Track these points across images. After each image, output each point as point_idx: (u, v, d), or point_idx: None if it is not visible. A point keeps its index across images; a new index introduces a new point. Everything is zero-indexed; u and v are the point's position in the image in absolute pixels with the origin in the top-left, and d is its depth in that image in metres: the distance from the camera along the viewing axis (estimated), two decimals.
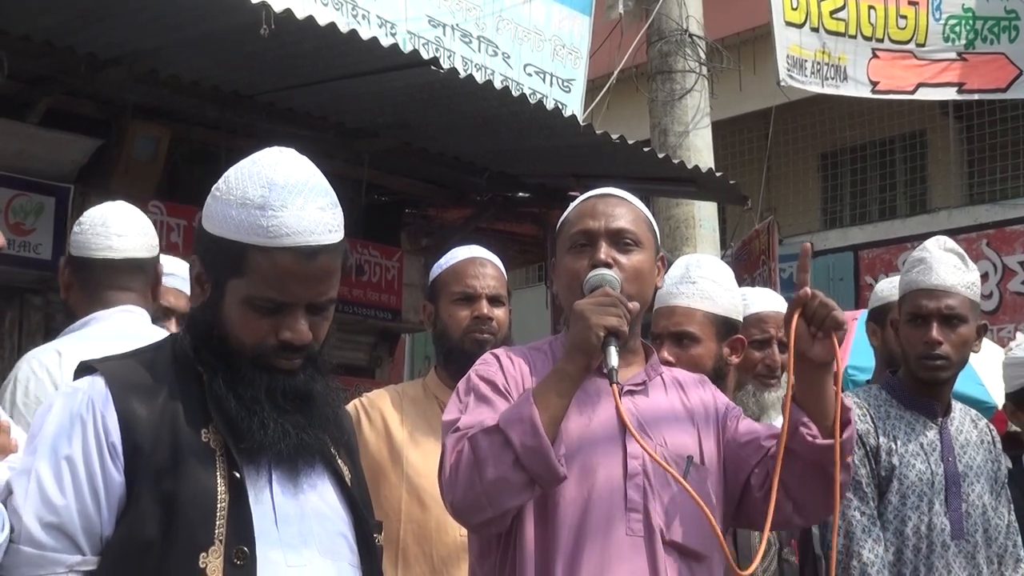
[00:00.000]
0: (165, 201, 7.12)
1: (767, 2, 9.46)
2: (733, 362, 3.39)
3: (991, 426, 3.62)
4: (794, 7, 9.60)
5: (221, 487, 2.00)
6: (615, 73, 9.22)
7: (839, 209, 14.59)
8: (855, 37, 10.01)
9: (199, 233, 2.12)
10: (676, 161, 7.69)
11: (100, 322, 3.09)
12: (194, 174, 7.03)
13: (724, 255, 9.60)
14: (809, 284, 2.39)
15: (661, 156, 7.51)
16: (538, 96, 7.80)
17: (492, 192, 8.58)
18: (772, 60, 9.53)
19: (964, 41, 10.30)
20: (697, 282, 3.34)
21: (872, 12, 10.09)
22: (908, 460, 3.37)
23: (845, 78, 9.98)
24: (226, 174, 2.09)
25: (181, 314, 3.49)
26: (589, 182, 6.47)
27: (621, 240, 2.57)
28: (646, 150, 7.27)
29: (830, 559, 3.27)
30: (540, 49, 8.63)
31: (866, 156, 14.35)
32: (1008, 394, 4.56)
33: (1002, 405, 5.01)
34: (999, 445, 3.59)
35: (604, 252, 2.54)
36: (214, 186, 2.09)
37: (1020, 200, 12.70)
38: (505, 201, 8.70)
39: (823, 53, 9.77)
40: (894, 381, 3.52)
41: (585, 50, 8.94)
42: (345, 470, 2.20)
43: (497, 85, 6.59)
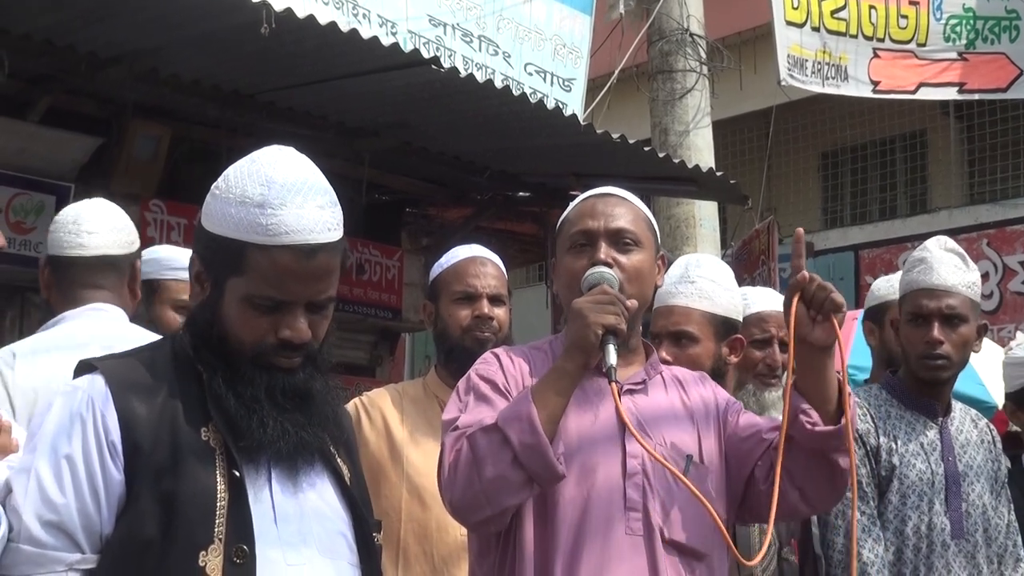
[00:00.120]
0: (166, 200, 7.13)
1: (768, 2, 9.44)
2: (732, 362, 3.38)
3: (991, 426, 3.62)
4: (795, 7, 9.59)
5: (221, 486, 2.00)
6: (616, 72, 9.22)
7: (839, 209, 14.58)
8: (856, 37, 10.00)
9: (198, 232, 2.12)
10: (677, 160, 7.69)
11: (68, 321, 3.07)
12: (194, 173, 7.02)
13: (724, 255, 9.60)
14: (805, 268, 2.38)
15: (662, 155, 7.50)
16: (539, 95, 7.80)
17: (492, 191, 8.58)
18: (773, 60, 9.52)
19: (965, 41, 10.30)
20: (696, 282, 3.33)
21: (873, 12, 10.09)
22: (908, 460, 3.37)
23: (846, 78, 9.98)
24: (225, 173, 2.09)
25: None
26: (590, 181, 6.47)
27: (621, 240, 2.56)
28: (647, 149, 7.26)
29: (832, 558, 3.31)
30: (541, 48, 8.63)
31: (867, 156, 14.34)
32: (1008, 394, 4.56)
33: (1002, 405, 5.00)
34: (999, 445, 3.59)
35: (604, 252, 2.54)
36: (213, 185, 2.09)
37: (1020, 200, 12.70)
38: (505, 200, 8.70)
39: (824, 53, 9.76)
40: (894, 381, 3.52)
41: (586, 49, 8.94)
42: (344, 469, 2.20)
43: (498, 84, 6.59)
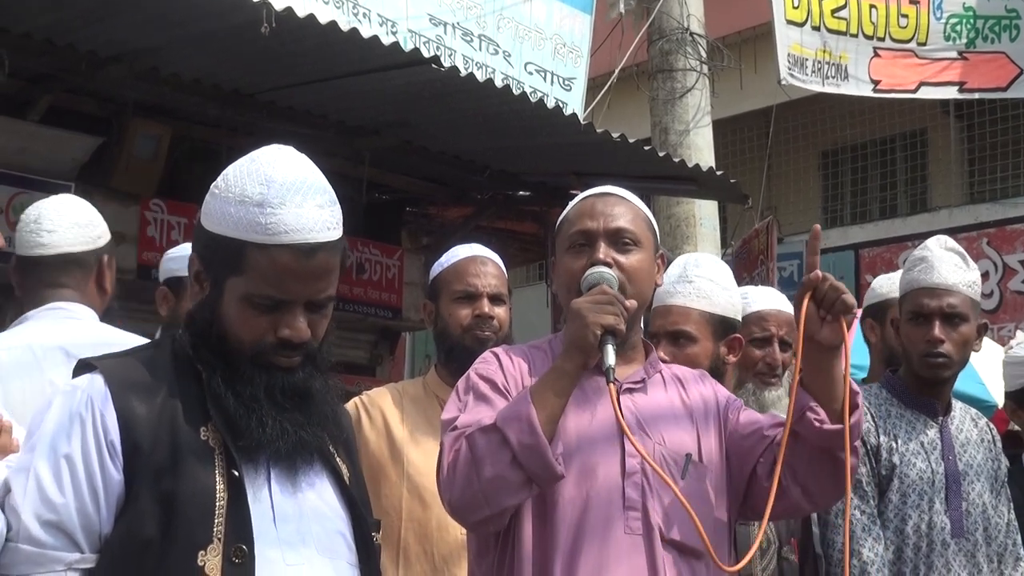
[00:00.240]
0: (166, 199, 7.14)
1: (768, 1, 9.44)
2: (730, 361, 3.37)
3: (991, 425, 3.62)
4: (795, 6, 9.59)
5: (220, 485, 2.00)
6: (616, 72, 9.22)
7: (840, 208, 14.58)
8: (856, 36, 10.00)
9: (198, 231, 2.12)
10: (677, 160, 7.69)
11: (29, 321, 3.05)
12: (195, 172, 7.03)
13: (725, 254, 9.60)
14: (819, 267, 2.38)
15: (662, 155, 7.51)
16: (539, 95, 7.79)
17: (493, 190, 8.58)
18: (773, 59, 9.52)
19: (965, 40, 10.29)
20: (694, 281, 3.32)
21: (873, 11, 10.08)
22: (908, 459, 3.37)
23: (846, 77, 9.97)
24: (225, 172, 2.09)
25: None
26: (590, 180, 6.46)
27: (620, 240, 2.56)
28: (647, 149, 7.26)
29: (832, 557, 3.31)
30: (541, 48, 8.63)
31: (867, 155, 14.34)
32: (1009, 393, 4.56)
33: (1002, 404, 5.00)
34: (999, 444, 3.59)
35: (603, 252, 2.53)
36: (213, 184, 2.09)
37: (1020, 199, 12.70)
38: (506, 199, 8.70)
39: (824, 52, 9.76)
40: (894, 380, 3.52)
41: (586, 49, 8.94)
42: (344, 468, 2.20)
43: (498, 83, 6.59)
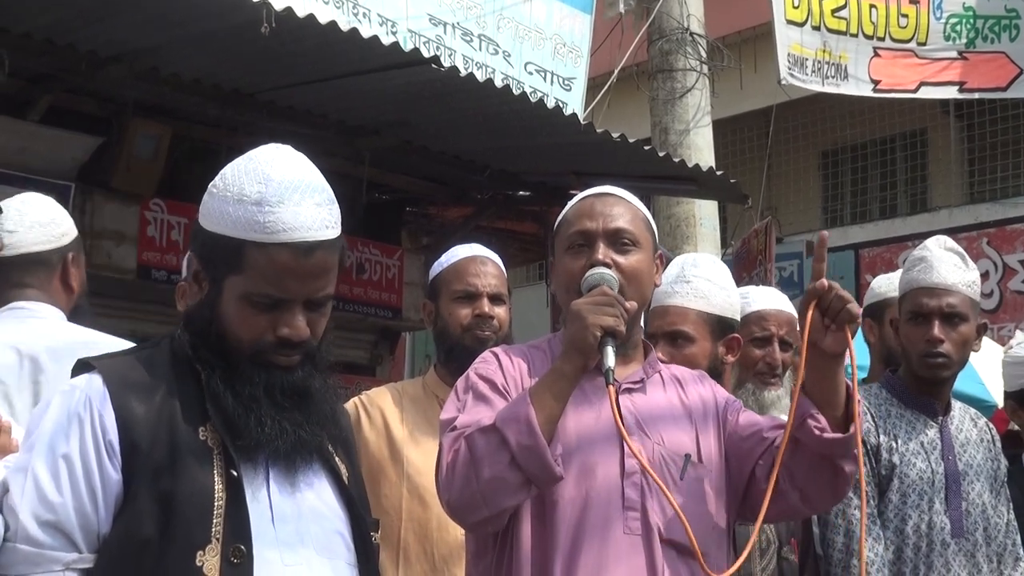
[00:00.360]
0: (166, 199, 7.14)
1: (768, 0, 9.44)
2: (729, 361, 3.36)
3: (990, 425, 3.62)
4: (795, 5, 9.59)
5: (218, 485, 2.00)
6: (616, 71, 9.22)
7: (840, 208, 14.58)
8: (856, 36, 10.00)
9: (196, 230, 2.12)
10: (677, 160, 7.69)
11: None
12: (195, 172, 7.02)
13: (725, 254, 9.60)
14: (825, 275, 2.38)
15: (662, 155, 7.50)
16: (539, 94, 7.79)
17: (493, 190, 8.58)
18: (773, 58, 9.52)
19: (965, 40, 10.29)
20: (692, 281, 3.31)
21: (873, 11, 10.09)
22: (908, 459, 3.37)
23: (846, 77, 9.97)
24: (223, 171, 2.10)
25: None
26: (590, 180, 6.46)
27: (619, 240, 2.55)
28: (647, 148, 7.26)
29: (832, 557, 3.31)
30: (541, 47, 8.62)
31: (867, 155, 14.34)
32: (1010, 392, 4.56)
33: (1002, 404, 5.00)
34: (998, 444, 3.59)
35: (602, 253, 2.53)
36: (211, 183, 2.10)
37: (1020, 199, 12.69)
38: (506, 199, 8.70)
39: (824, 52, 9.76)
40: (894, 380, 3.52)
41: (586, 48, 8.93)
42: (342, 468, 2.20)
43: (498, 83, 6.59)
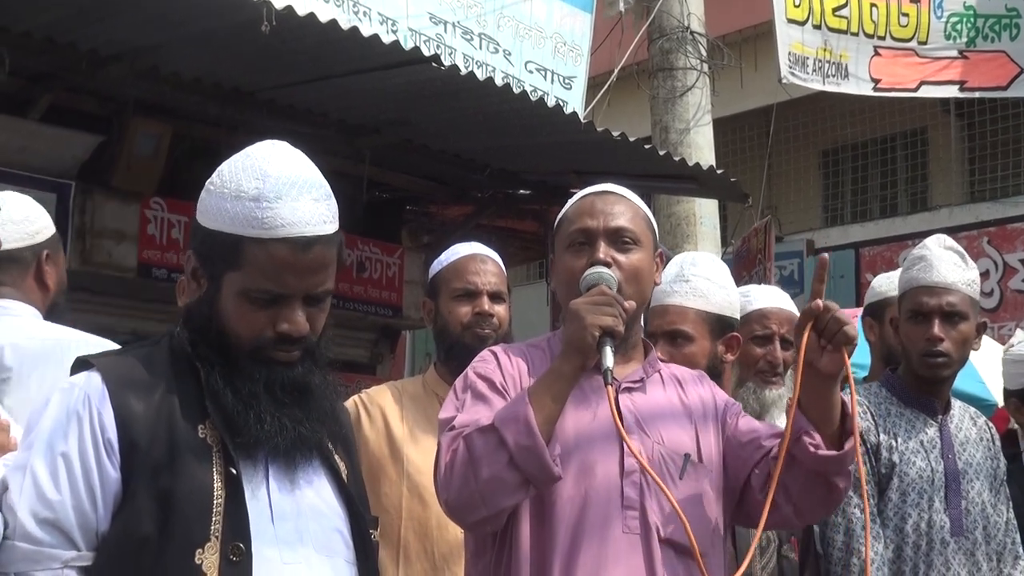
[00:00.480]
0: (166, 197, 7.14)
1: None
2: (728, 360, 3.36)
3: (990, 423, 3.62)
4: (796, 4, 9.59)
5: (217, 483, 2.00)
6: (616, 70, 9.22)
7: (840, 206, 14.58)
8: (857, 35, 10.00)
9: (194, 228, 2.12)
10: (677, 158, 7.69)
11: None
12: (195, 170, 6.97)
13: (725, 253, 9.60)
14: (823, 296, 2.37)
15: (662, 153, 7.50)
16: (539, 93, 7.78)
17: (493, 189, 8.58)
18: (773, 57, 9.52)
19: (965, 39, 10.29)
20: (691, 280, 3.31)
21: (874, 10, 10.09)
22: (908, 457, 3.37)
23: (847, 75, 9.97)
24: (219, 168, 2.10)
25: None
26: (590, 179, 6.43)
27: (620, 239, 2.55)
28: (647, 147, 7.26)
29: (832, 556, 3.31)
30: (541, 46, 8.62)
31: (867, 153, 14.33)
32: (1012, 391, 4.54)
33: (1003, 403, 5.00)
34: (998, 442, 3.59)
35: (603, 251, 2.52)
36: (208, 180, 2.10)
37: (1021, 198, 12.69)
38: (506, 198, 8.70)
39: (825, 50, 9.76)
40: (894, 378, 3.52)
41: (586, 47, 8.93)
42: (342, 466, 2.19)
43: (498, 82, 6.59)
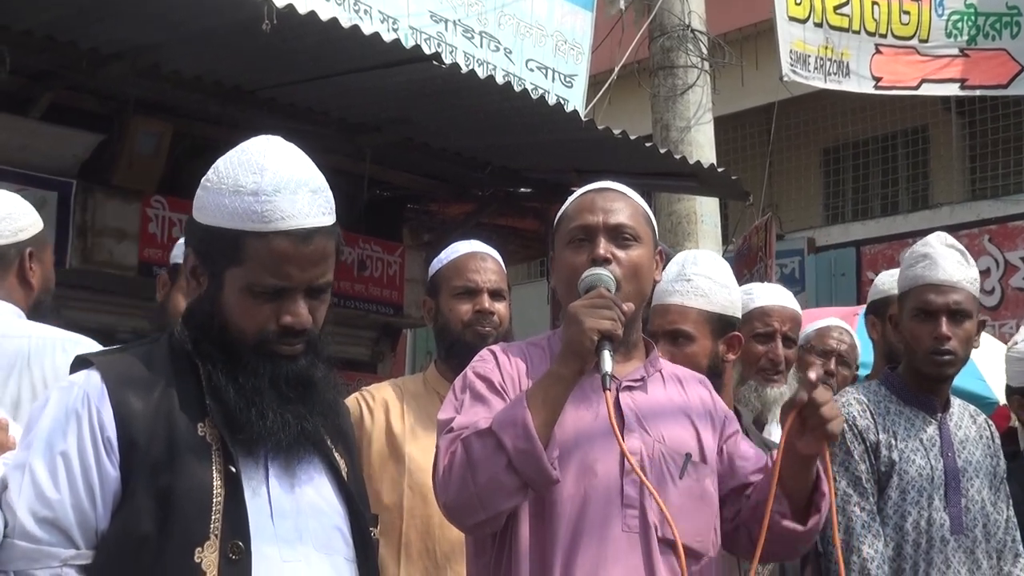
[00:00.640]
0: (167, 196, 7.13)
1: None
2: (729, 359, 3.34)
3: (989, 421, 3.62)
4: (797, 2, 9.59)
5: (217, 482, 2.00)
6: (617, 68, 9.22)
7: (841, 204, 14.57)
8: (858, 33, 10.00)
9: (191, 226, 2.14)
10: (678, 156, 7.69)
11: None
12: (196, 169, 6.93)
13: (726, 251, 9.60)
14: (810, 390, 2.36)
15: (663, 151, 7.50)
16: (540, 91, 7.78)
17: (494, 187, 8.57)
18: (774, 55, 9.52)
19: (966, 37, 10.29)
20: (692, 279, 3.29)
21: (875, 8, 10.09)
22: (908, 456, 3.37)
23: (848, 73, 9.97)
24: (215, 165, 2.12)
25: None
26: (591, 177, 6.42)
27: (620, 235, 2.55)
28: (648, 145, 7.26)
29: (831, 555, 3.31)
30: (542, 44, 8.62)
31: (868, 152, 14.33)
32: (1015, 388, 4.53)
33: (1004, 400, 4.99)
34: (997, 440, 3.58)
35: (603, 248, 2.52)
36: (204, 178, 2.11)
37: (1022, 196, 12.68)
38: (507, 196, 8.69)
39: (826, 48, 9.76)
40: (893, 377, 3.52)
41: (587, 45, 8.93)
42: (342, 463, 2.20)
43: (499, 80, 6.59)
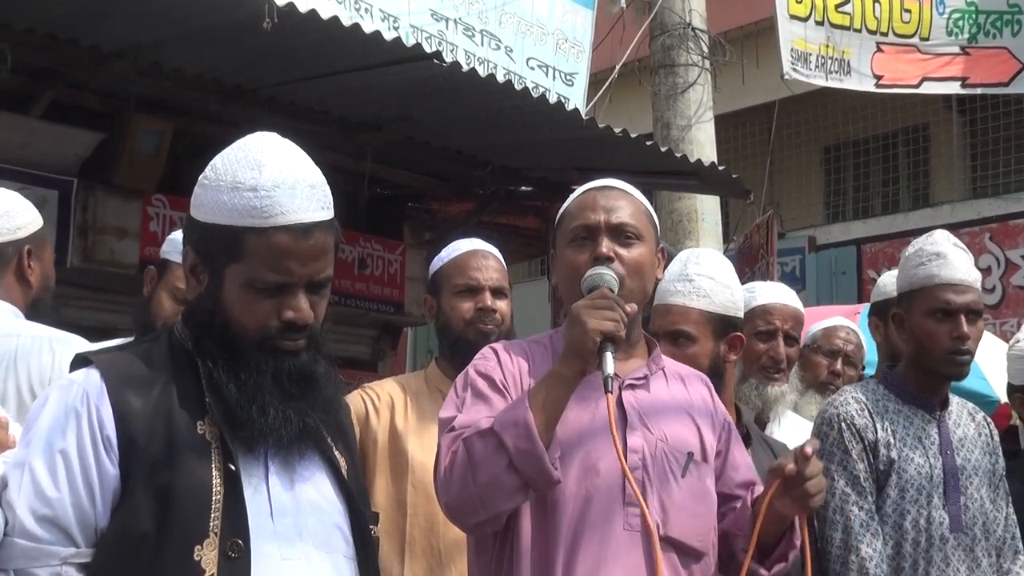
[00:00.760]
0: (168, 194, 7.13)
1: None
2: (731, 360, 3.33)
3: (988, 419, 3.61)
4: (798, 0, 9.59)
5: (216, 480, 2.00)
6: (618, 67, 9.22)
7: (842, 203, 14.57)
8: (860, 31, 9.99)
9: (190, 224, 2.13)
10: (679, 155, 7.69)
11: None
12: (197, 167, 6.93)
13: (727, 249, 9.59)
14: (794, 464, 2.39)
15: (664, 150, 7.50)
16: (541, 90, 7.78)
17: (495, 186, 8.57)
18: (775, 54, 9.52)
19: (967, 35, 10.29)
20: (694, 280, 3.28)
21: (877, 6, 10.08)
22: (907, 454, 3.37)
23: (849, 72, 9.97)
24: (212, 162, 2.12)
25: None
26: (592, 175, 6.42)
27: (622, 234, 2.55)
28: (649, 144, 7.26)
29: (830, 553, 3.31)
30: (543, 43, 8.62)
31: (869, 150, 14.32)
32: (1017, 386, 4.52)
33: (1005, 399, 4.98)
34: (996, 438, 3.58)
35: (606, 246, 2.52)
36: (201, 175, 2.11)
37: (1023, 194, 12.68)
38: (508, 195, 8.69)
39: (827, 47, 9.75)
40: (892, 376, 3.52)
41: (588, 44, 8.93)
42: (342, 461, 2.20)
43: (500, 79, 6.59)
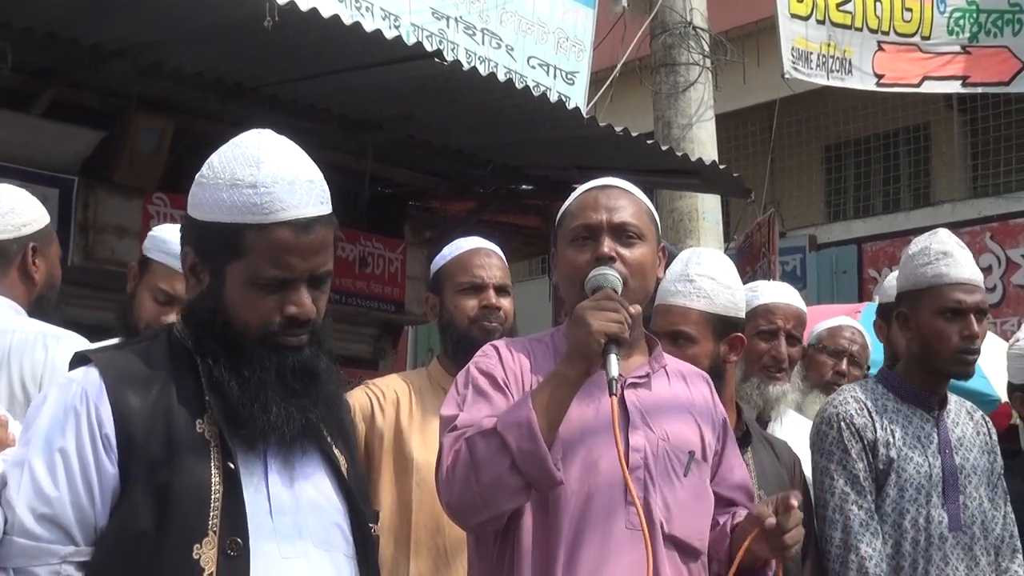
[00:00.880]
0: (168, 193, 7.13)
1: None
2: (731, 360, 3.32)
3: (986, 418, 3.62)
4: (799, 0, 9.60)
5: (215, 478, 2.00)
6: (618, 66, 9.22)
7: (843, 202, 14.56)
8: (861, 30, 10.00)
9: (188, 224, 2.13)
10: (679, 154, 7.68)
11: None
12: (197, 166, 6.99)
13: (728, 248, 9.60)
14: (774, 515, 2.43)
15: (664, 149, 7.50)
16: (542, 89, 7.78)
17: (496, 184, 8.57)
18: (776, 52, 9.52)
19: (968, 34, 10.29)
20: (695, 280, 3.26)
21: (878, 5, 10.09)
22: (906, 453, 3.37)
23: (850, 71, 9.97)
24: (209, 161, 2.12)
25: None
26: (593, 174, 6.41)
27: (624, 234, 2.55)
28: (649, 143, 7.26)
29: (829, 553, 3.31)
30: (544, 41, 8.62)
31: (870, 149, 14.32)
32: (1018, 385, 4.52)
33: (1006, 398, 4.98)
34: (994, 437, 3.58)
35: (607, 246, 2.52)
36: (197, 174, 2.11)
37: (1023, 193, 12.68)
38: (509, 193, 8.69)
39: (829, 46, 9.76)
40: (890, 375, 3.52)
41: (589, 42, 8.92)
42: (341, 460, 2.20)
43: (501, 78, 6.58)
